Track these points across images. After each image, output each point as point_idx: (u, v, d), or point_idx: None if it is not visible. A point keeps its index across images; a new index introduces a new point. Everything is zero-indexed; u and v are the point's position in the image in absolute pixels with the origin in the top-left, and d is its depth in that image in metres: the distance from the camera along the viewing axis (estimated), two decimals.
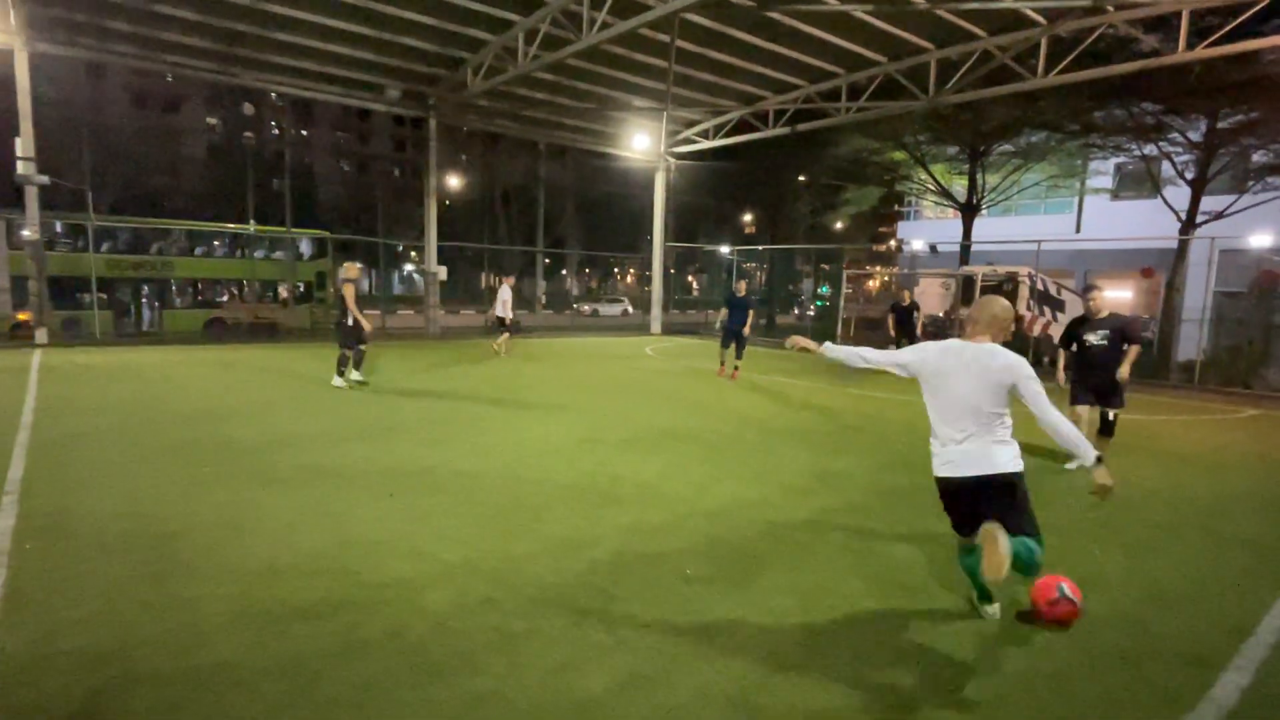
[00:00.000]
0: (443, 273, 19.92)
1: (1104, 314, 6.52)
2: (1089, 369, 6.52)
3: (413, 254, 48.40)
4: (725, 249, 31.05)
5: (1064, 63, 12.56)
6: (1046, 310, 15.07)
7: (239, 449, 6.35)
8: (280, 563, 3.87)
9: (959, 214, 21.82)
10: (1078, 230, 25.09)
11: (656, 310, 24.18)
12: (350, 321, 9.94)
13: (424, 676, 2.83)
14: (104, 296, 17.12)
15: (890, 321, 13.10)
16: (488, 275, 37.61)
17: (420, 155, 21.09)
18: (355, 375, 10.30)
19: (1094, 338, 6.49)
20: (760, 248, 30.60)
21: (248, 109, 56.82)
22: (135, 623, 3.17)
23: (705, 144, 20.91)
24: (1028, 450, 3.68)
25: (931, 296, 16.68)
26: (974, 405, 3.25)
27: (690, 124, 21.15)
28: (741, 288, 13.25)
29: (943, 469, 3.39)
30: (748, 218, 41.21)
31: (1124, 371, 6.41)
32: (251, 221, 27.28)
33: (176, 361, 12.59)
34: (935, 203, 24.93)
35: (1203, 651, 3.31)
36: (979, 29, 13.41)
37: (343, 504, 4.92)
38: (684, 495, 5.44)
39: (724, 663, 3.01)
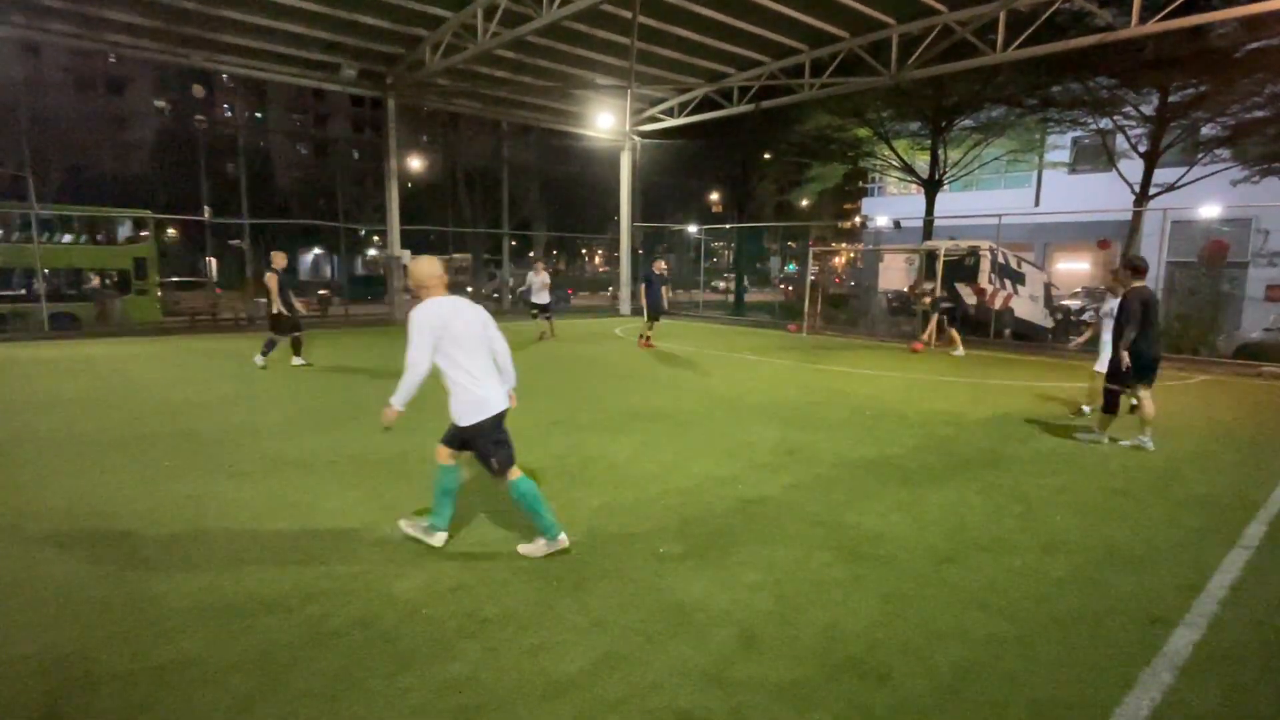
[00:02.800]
0: (406, 257, 19.55)
1: (1126, 288, 6.50)
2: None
3: (375, 239, 47.46)
4: (693, 228, 31.02)
5: (1022, 37, 12.69)
6: (1007, 283, 15.37)
7: (200, 441, 6.19)
8: (246, 555, 3.79)
9: (922, 190, 22.05)
10: (1037, 204, 25.56)
11: (625, 291, 24.10)
12: (275, 310, 10.20)
13: (396, 665, 2.80)
14: None
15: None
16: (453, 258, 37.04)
17: (380, 137, 20.57)
18: (297, 360, 10.47)
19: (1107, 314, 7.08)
20: (728, 226, 30.62)
21: (198, 91, 54.83)
22: (94, 623, 3.08)
23: (670, 121, 20.75)
24: (1001, 417, 3.74)
25: (895, 272, 16.88)
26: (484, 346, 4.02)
27: (655, 102, 20.95)
28: (659, 266, 14.58)
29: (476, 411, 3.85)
30: (714, 196, 41.19)
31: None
32: (206, 209, 26.37)
33: (128, 355, 12.19)
34: (898, 179, 25.14)
35: (1158, 610, 3.43)
36: (939, 4, 13.47)
37: (308, 494, 4.83)
38: (655, 475, 5.45)
39: (698, 639, 3.04)
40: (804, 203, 33.90)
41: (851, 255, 25.27)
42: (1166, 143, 16.68)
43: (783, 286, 28.28)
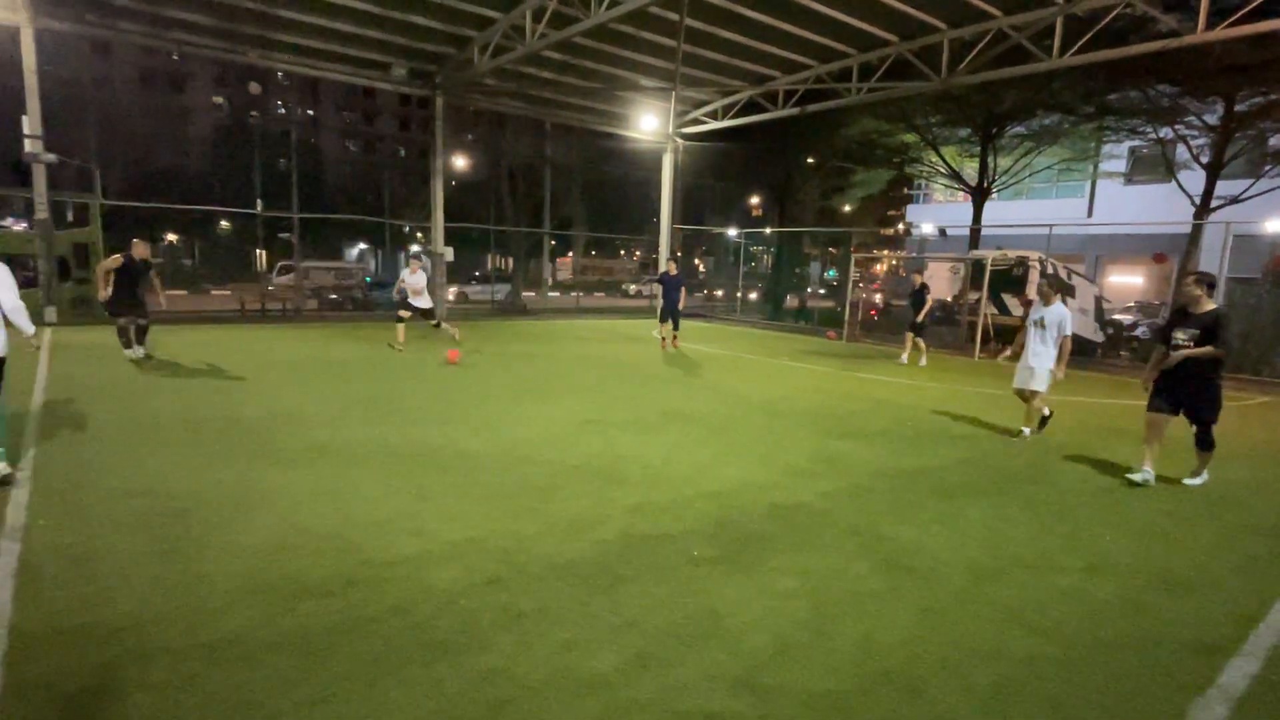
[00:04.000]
0: (449, 254, 19.87)
1: (1205, 308, 5.51)
2: (1174, 373, 5.60)
3: (419, 235, 48.34)
4: (732, 231, 30.87)
5: (1080, 43, 12.33)
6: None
7: (245, 427, 6.38)
8: (288, 540, 3.89)
9: (969, 197, 21.60)
10: (1090, 214, 24.83)
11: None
12: (103, 296, 9.62)
13: (432, 653, 2.85)
14: None
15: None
16: (494, 257, 37.51)
17: (426, 135, 20.96)
18: (138, 351, 9.89)
19: (1182, 335, 5.55)
20: (768, 230, 30.38)
21: (254, 88, 56.58)
22: (148, 598, 3.19)
23: (714, 124, 20.70)
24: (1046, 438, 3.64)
25: (940, 281, 16.57)
26: None
27: (699, 104, 20.93)
28: (673, 268, 14.25)
29: None
30: (755, 200, 40.91)
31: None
32: (259, 203, 27.13)
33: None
34: (945, 186, 24.67)
35: (1211, 638, 3.30)
36: (994, 8, 13.18)
37: (348, 483, 4.94)
38: (689, 477, 5.44)
39: (731, 643, 3.02)
40: (846, 208, 33.48)
41: (894, 262, 24.85)
42: (1231, 153, 16.05)
43: (797, 302, 27.98)
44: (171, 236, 47.21)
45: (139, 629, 2.94)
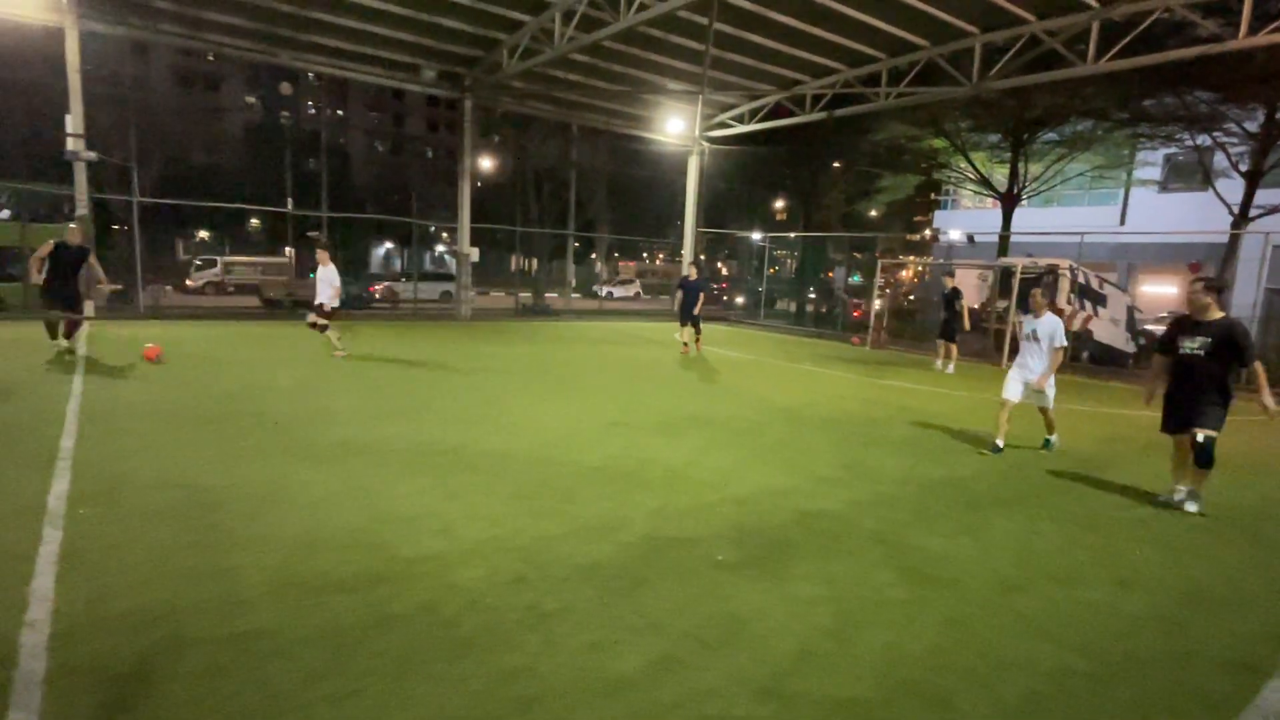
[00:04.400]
0: (475, 254, 20.05)
1: (1214, 316, 5.19)
2: (1178, 383, 5.35)
3: (444, 235, 48.79)
4: (757, 235, 30.77)
5: (1116, 48, 12.13)
6: (1088, 304, 14.70)
7: (277, 423, 6.49)
8: (317, 536, 3.96)
9: (998, 204, 21.32)
10: (1122, 223, 24.38)
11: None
12: (36, 280, 9.24)
13: (458, 651, 2.88)
14: None
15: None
16: (518, 258, 37.78)
17: (454, 137, 21.23)
18: (62, 342, 9.40)
19: (1190, 344, 5.23)
20: (792, 235, 30.24)
21: (285, 89, 57.54)
22: (182, 588, 3.27)
23: (740, 128, 20.67)
24: (1073, 450, 3.60)
25: (968, 288, 16.38)
26: None
27: (725, 108, 20.90)
28: (693, 272, 13.99)
29: None
30: (780, 204, 40.73)
31: (1268, 401, 5.01)
32: (289, 201, 27.61)
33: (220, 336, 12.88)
34: (974, 192, 24.35)
35: (1247, 657, 3.23)
36: (1027, 12, 13.01)
37: (377, 480, 5.01)
38: (713, 481, 5.44)
39: (755, 649, 3.02)
40: (873, 214, 33.20)
41: (920, 269, 24.61)
42: (1271, 162, 15.67)
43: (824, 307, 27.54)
44: (203, 233, 48.17)
45: (173, 618, 3.01)
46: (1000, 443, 6.88)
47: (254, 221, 44.28)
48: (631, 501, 4.84)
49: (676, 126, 21.17)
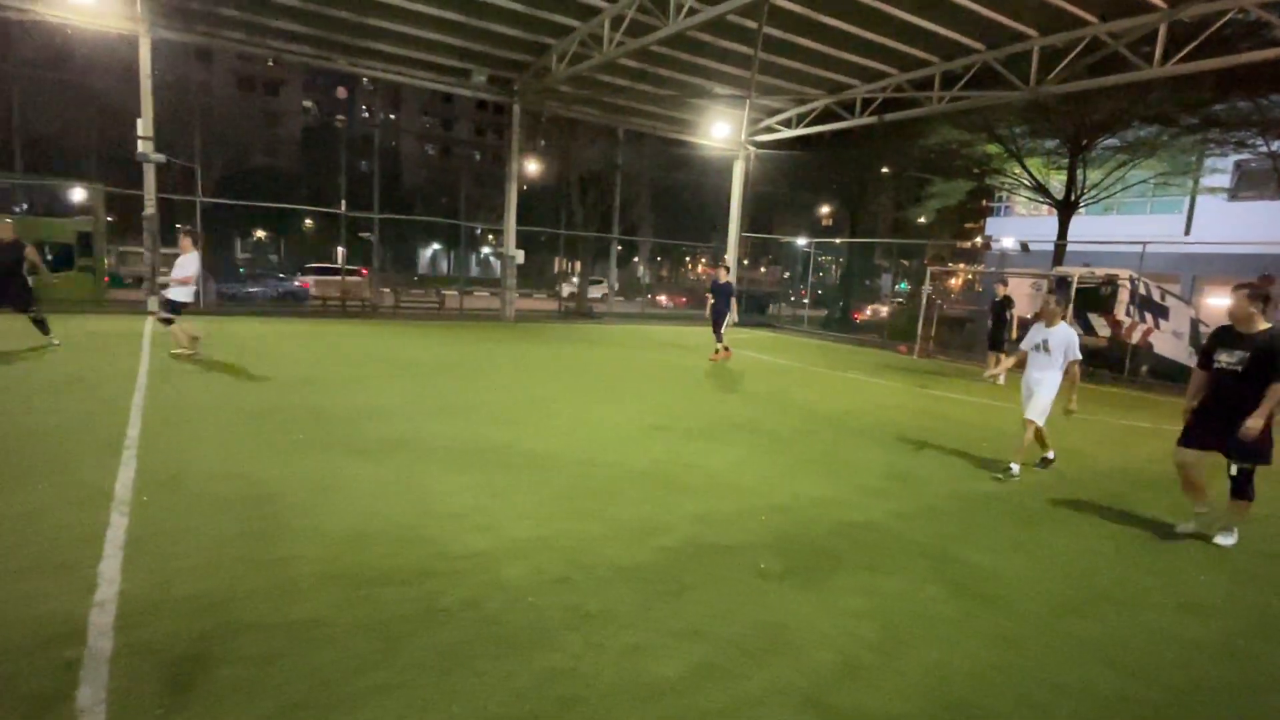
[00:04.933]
0: (520, 256, 20.30)
1: (1258, 327, 4.62)
2: (1212, 400, 4.80)
3: (490, 237, 49.54)
4: (802, 241, 30.45)
5: (1185, 50, 11.65)
6: (1148, 317, 14.15)
7: (328, 418, 6.67)
8: (367, 529, 4.05)
9: (1054, 211, 20.68)
10: (1187, 232, 23.38)
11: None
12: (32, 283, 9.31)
13: (502, 648, 2.91)
14: None
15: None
16: (561, 260, 38.13)
17: (501, 141, 21.58)
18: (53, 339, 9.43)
19: (1227, 358, 4.70)
20: (838, 240, 29.85)
21: (341, 93, 59.27)
22: (239, 575, 3.38)
23: (787, 133, 20.49)
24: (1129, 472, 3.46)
25: (1021, 298, 15.93)
26: None
27: (773, 112, 20.76)
28: (723, 274, 13.66)
29: None
30: (825, 209, 40.26)
31: (1254, 422, 4.43)
32: (343, 203, 28.33)
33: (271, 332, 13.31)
34: (1029, 199, 23.68)
35: None
36: (1089, 14, 12.60)
37: (424, 476, 5.10)
38: (755, 488, 5.39)
39: (798, 660, 2.98)
40: (921, 220, 32.56)
41: (970, 277, 24.02)
42: None
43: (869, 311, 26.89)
44: (260, 233, 49.83)
45: (231, 604, 3.11)
46: (1015, 467, 6.18)
47: (308, 222, 45.62)
48: (674, 506, 4.83)
49: (722, 131, 21.11)
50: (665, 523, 4.49)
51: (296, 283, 24.07)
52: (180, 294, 9.61)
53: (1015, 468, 6.17)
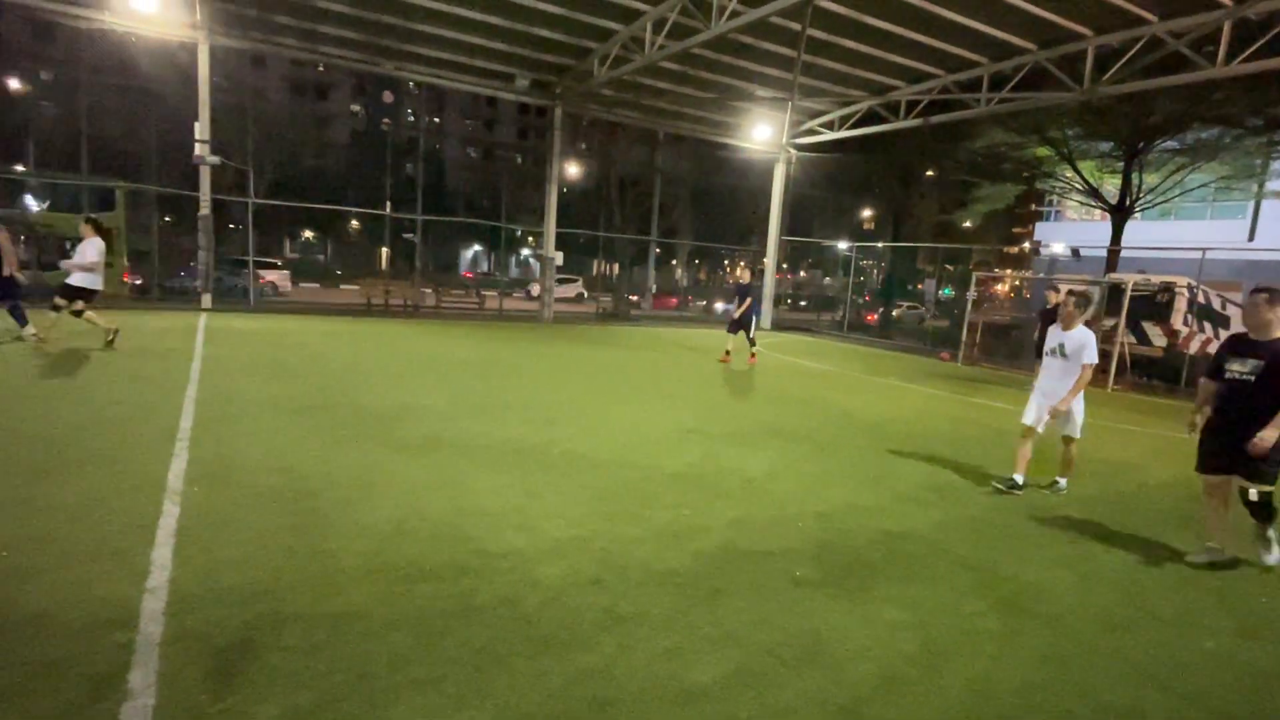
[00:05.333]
0: (559, 258, 20.45)
1: (1275, 334, 4.30)
2: (1221, 414, 4.51)
3: (530, 239, 50.05)
4: (843, 244, 30.06)
5: (1251, 49, 11.17)
6: (1207, 326, 13.59)
7: (369, 414, 6.81)
8: (406, 525, 4.11)
9: (1107, 216, 20.02)
10: (1251, 238, 22.44)
11: (767, 305, 23.77)
12: (7, 273, 9.06)
13: (536, 647, 2.93)
14: None
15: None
16: (599, 262, 38.30)
17: (542, 143, 21.80)
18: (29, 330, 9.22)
19: (1239, 367, 4.38)
20: (880, 245, 29.38)
21: (387, 97, 60.60)
22: (283, 567, 3.47)
23: (829, 135, 20.25)
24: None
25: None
26: None
27: (815, 114, 20.54)
28: (746, 275, 13.43)
29: None
30: (867, 213, 39.68)
31: (1269, 433, 4.11)
32: (389, 204, 28.99)
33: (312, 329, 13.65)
34: (1080, 203, 22.97)
35: None
36: (1149, 13, 12.16)
37: (462, 473, 5.16)
38: (792, 494, 5.33)
39: (834, 670, 2.93)
40: (967, 224, 31.86)
41: (1018, 283, 23.40)
42: None
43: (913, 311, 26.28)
44: (308, 233, 51.17)
45: (276, 594, 3.19)
46: (1020, 478, 5.81)
47: (354, 223, 46.74)
48: (709, 510, 4.80)
49: (763, 133, 20.97)
50: (700, 526, 4.47)
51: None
52: (83, 280, 9.39)
53: (1062, 482, 5.98)
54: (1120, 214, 19.16)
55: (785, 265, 23.69)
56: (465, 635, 2.97)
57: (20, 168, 22.08)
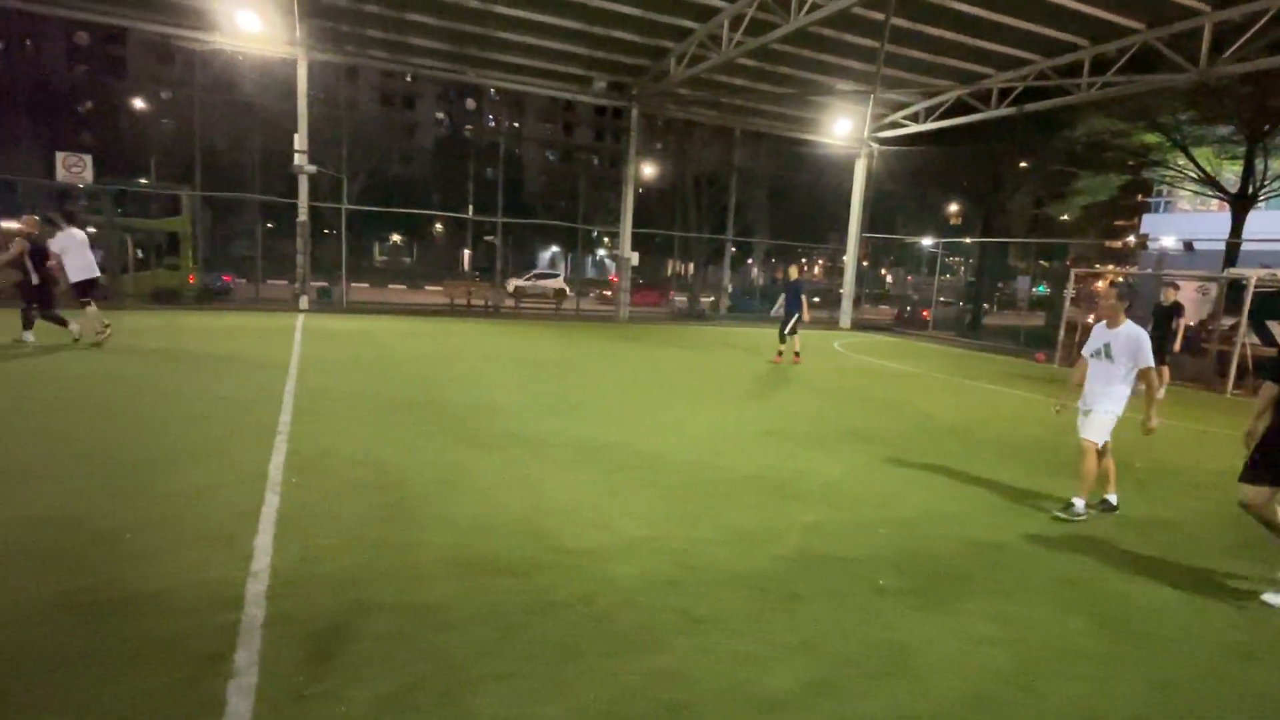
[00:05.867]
0: (635, 258, 20.57)
1: None
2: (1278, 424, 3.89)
3: (605, 240, 50.58)
4: (928, 241, 28.94)
5: None
6: None
7: (450, 412, 7.03)
8: (486, 520, 4.22)
9: (1226, 206, 18.47)
10: None
11: (847, 304, 23.16)
12: (35, 281, 9.21)
13: (612, 645, 2.94)
14: None
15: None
16: (674, 262, 38.31)
17: (619, 144, 21.99)
18: (28, 336, 9.36)
19: None
20: (968, 240, 28.11)
21: (470, 105, 62.57)
22: (373, 557, 3.62)
23: (914, 128, 19.54)
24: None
25: (1185, 303, 14.36)
26: None
27: (898, 106, 19.87)
28: (794, 272, 13.17)
29: None
30: (953, 208, 38.05)
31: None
32: (471, 209, 29.87)
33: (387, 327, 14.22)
34: (1195, 193, 21.27)
35: None
36: None
37: (540, 471, 5.26)
38: (873, 499, 5.16)
39: (919, 684, 2.81)
40: (1064, 218, 30.06)
41: (1122, 279, 21.89)
42: None
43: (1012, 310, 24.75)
44: (396, 237, 53.44)
45: (365, 583, 3.33)
46: (1112, 497, 5.21)
47: (438, 226, 48.47)
48: (785, 513, 4.71)
49: (844, 127, 20.43)
50: (777, 530, 4.38)
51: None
52: (80, 273, 9.55)
53: (1079, 504, 4.99)
54: (1241, 203, 17.65)
55: (866, 263, 22.94)
56: (543, 631, 3.02)
57: (144, 180, 24.06)
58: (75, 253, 9.56)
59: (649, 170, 36.17)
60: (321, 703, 2.45)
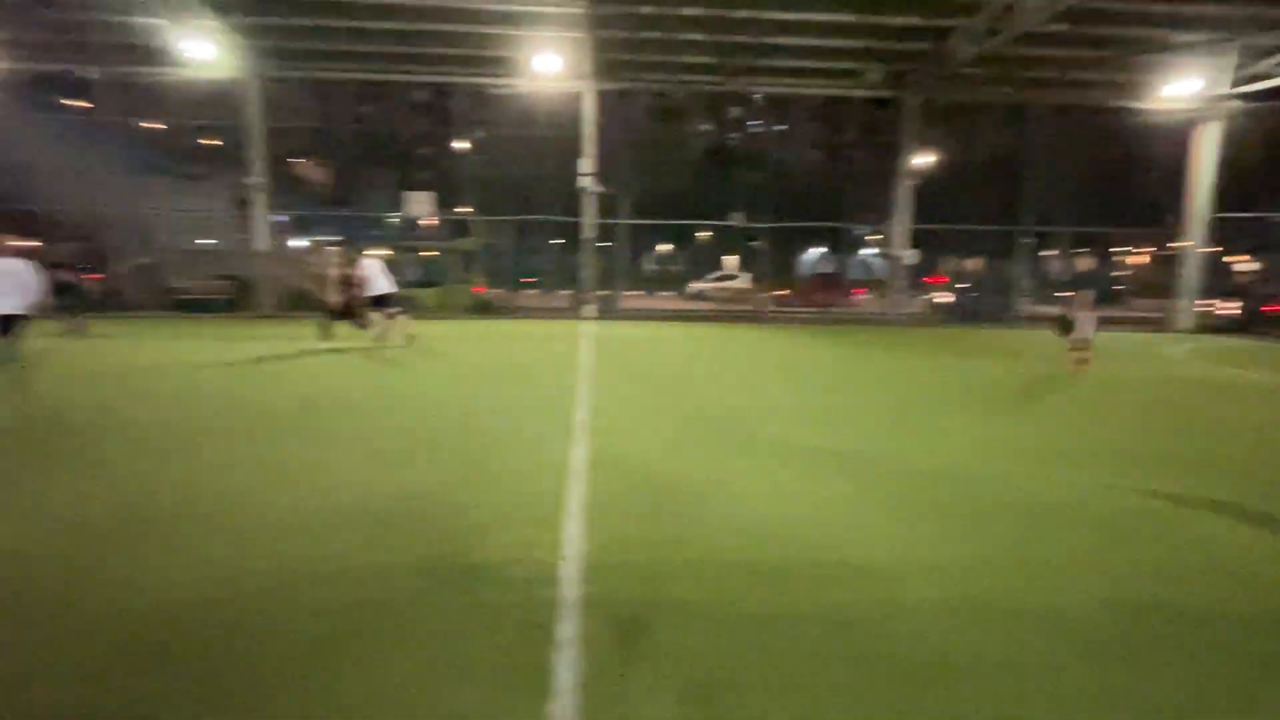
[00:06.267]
0: (910, 256, 19.28)
1: None
2: None
3: (868, 238, 48.05)
4: None
5: None
6: None
7: (709, 419, 7.23)
8: (771, 527, 4.23)
9: None
10: None
11: (1188, 301, 19.12)
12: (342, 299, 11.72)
13: (902, 672, 2.75)
14: None
15: None
16: (956, 260, 35.00)
17: (888, 138, 20.75)
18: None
19: None
20: None
21: (736, 113, 63.80)
22: (670, 553, 3.83)
23: None
24: None
25: None
26: None
27: (1264, 53, 15.88)
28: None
29: None
30: None
31: None
32: (736, 215, 30.51)
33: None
34: None
35: None
36: None
37: (818, 481, 5.16)
38: (1250, 548, 4.17)
39: None
40: None
41: None
42: None
43: None
44: (664, 246, 56.55)
45: (666, 576, 3.56)
46: None
47: (705, 234, 50.20)
48: (1114, 552, 4.02)
49: (1186, 87, 16.87)
50: (1103, 572, 3.76)
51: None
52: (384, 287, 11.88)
53: None
54: None
55: (1223, 249, 18.60)
56: (829, 646, 2.94)
57: (470, 209, 29.01)
58: (376, 275, 11.91)
59: (925, 161, 33.59)
60: (642, 680, 2.66)
